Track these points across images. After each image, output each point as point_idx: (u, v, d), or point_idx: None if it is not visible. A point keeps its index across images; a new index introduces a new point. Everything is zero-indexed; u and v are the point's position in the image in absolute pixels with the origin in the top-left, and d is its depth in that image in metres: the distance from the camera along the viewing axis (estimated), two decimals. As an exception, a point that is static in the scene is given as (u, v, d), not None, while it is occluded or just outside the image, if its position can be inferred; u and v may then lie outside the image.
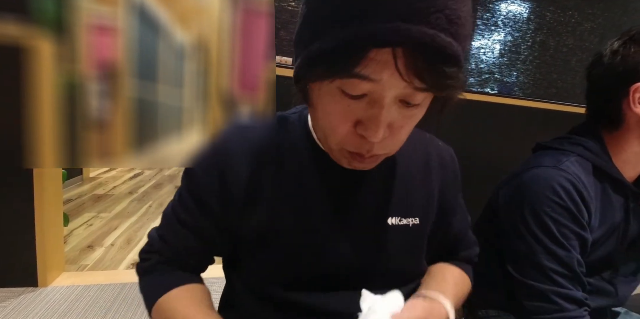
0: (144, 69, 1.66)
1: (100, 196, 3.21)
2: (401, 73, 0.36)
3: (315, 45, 0.39)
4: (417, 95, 0.40)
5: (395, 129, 0.43)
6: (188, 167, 0.56)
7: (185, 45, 1.71)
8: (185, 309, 0.52)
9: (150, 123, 1.68)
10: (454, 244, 0.69)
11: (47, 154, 1.48)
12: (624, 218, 0.78)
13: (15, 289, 1.59)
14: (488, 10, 2.08)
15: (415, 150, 0.61)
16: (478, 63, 2.14)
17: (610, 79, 0.75)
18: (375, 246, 0.56)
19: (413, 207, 0.58)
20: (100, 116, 1.58)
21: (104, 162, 1.49)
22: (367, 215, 0.56)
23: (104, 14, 1.61)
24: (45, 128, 1.49)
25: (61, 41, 1.52)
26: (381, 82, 0.38)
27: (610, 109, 0.76)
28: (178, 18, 1.70)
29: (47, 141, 1.48)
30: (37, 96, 1.46)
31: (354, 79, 0.38)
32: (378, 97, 0.39)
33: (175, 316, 0.51)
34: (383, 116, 0.40)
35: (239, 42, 1.70)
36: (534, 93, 2.24)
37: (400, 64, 0.36)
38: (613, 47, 0.75)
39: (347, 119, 0.42)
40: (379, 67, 0.37)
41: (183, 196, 0.56)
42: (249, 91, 1.69)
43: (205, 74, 1.71)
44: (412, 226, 0.58)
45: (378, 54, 0.36)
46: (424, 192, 0.60)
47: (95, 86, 1.58)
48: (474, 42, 2.12)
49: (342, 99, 0.41)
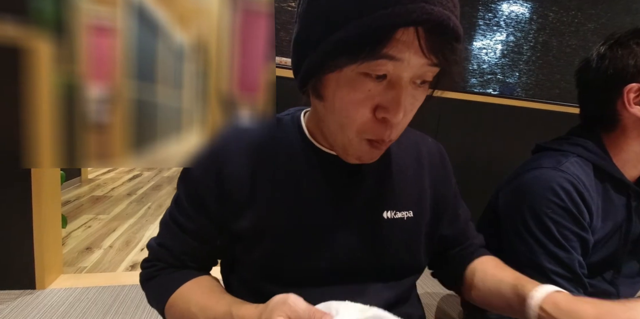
0: (143, 70, 1.65)
1: (99, 197, 3.20)
2: (423, 51, 0.41)
3: (336, 36, 0.42)
4: (431, 71, 0.44)
5: (408, 112, 0.47)
6: (185, 170, 0.58)
7: (184, 46, 1.71)
8: (199, 298, 0.53)
9: (149, 124, 1.67)
10: (466, 233, 0.71)
11: (46, 154, 1.47)
12: (626, 218, 0.78)
13: (13, 291, 1.58)
14: (490, 11, 2.07)
15: (406, 146, 0.64)
16: (480, 64, 2.13)
17: (601, 82, 0.77)
18: (371, 239, 0.58)
19: (407, 201, 0.61)
20: (99, 117, 1.58)
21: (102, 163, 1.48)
22: (363, 209, 0.58)
23: (102, 14, 1.61)
24: (43, 129, 1.48)
25: (59, 42, 1.51)
26: (404, 61, 0.42)
27: (605, 112, 0.78)
28: (177, 19, 1.70)
29: (45, 142, 1.47)
30: (35, 97, 1.45)
31: (380, 59, 0.41)
32: (397, 78, 0.43)
33: (190, 308, 0.53)
34: (403, 95, 0.44)
35: (238, 43, 1.69)
36: (536, 94, 2.23)
37: (423, 42, 0.40)
38: (600, 51, 0.77)
39: (367, 104, 0.45)
40: (404, 47, 0.41)
41: (180, 201, 0.58)
42: (249, 92, 1.68)
43: (204, 75, 1.71)
44: (407, 219, 0.60)
45: (404, 34, 0.40)
46: (416, 187, 0.62)
47: (94, 87, 1.58)
48: (476, 42, 2.11)
49: (362, 85, 0.44)
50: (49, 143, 1.47)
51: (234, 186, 0.54)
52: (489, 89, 2.16)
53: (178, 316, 0.55)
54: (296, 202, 0.56)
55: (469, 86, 2.13)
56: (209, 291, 0.55)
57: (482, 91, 2.15)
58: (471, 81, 2.14)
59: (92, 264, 1.97)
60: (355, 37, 0.40)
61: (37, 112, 1.45)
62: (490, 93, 2.16)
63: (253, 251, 0.56)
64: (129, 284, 1.73)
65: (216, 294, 0.54)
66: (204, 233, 0.58)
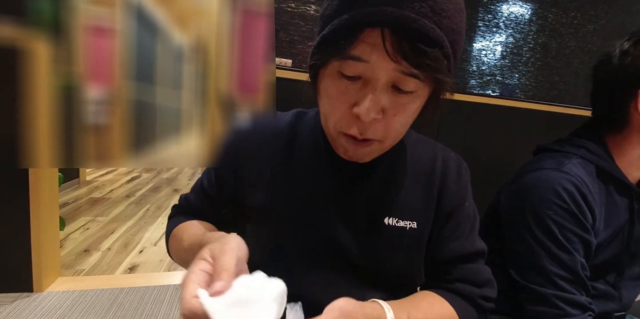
0: (142, 71, 1.64)
1: (97, 199, 3.19)
2: (389, 53, 0.42)
3: (321, 34, 0.46)
4: (408, 81, 0.45)
5: (389, 116, 0.48)
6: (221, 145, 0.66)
7: (183, 47, 1.70)
8: (191, 230, 0.62)
9: (148, 125, 1.67)
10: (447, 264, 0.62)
11: (44, 156, 1.46)
12: (628, 220, 0.78)
13: (10, 294, 1.57)
14: (489, 12, 2.07)
15: (421, 157, 0.63)
16: (479, 65, 2.13)
17: (618, 80, 0.75)
18: (368, 238, 0.58)
19: (412, 211, 0.60)
20: (97, 118, 1.57)
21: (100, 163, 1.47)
22: (365, 209, 0.59)
23: (101, 15, 1.60)
24: (41, 130, 1.47)
25: (58, 43, 1.50)
26: (372, 63, 0.43)
27: (616, 111, 0.76)
28: (176, 19, 1.69)
29: (43, 143, 1.47)
30: (34, 98, 1.44)
31: (348, 60, 0.44)
32: (371, 79, 0.45)
33: (182, 236, 0.60)
34: (375, 95, 0.45)
35: (238, 43, 1.68)
36: (535, 95, 2.23)
37: (388, 45, 0.42)
38: (623, 48, 0.74)
39: (345, 100, 0.48)
40: (369, 48, 0.43)
41: (209, 169, 0.68)
42: (249, 93, 1.67)
43: (204, 76, 1.70)
44: (409, 229, 0.59)
45: (368, 36, 0.42)
46: (423, 198, 0.61)
47: (92, 88, 1.57)
48: (475, 43, 2.11)
49: (340, 82, 0.47)
50: (47, 145, 1.46)
51: (248, 165, 0.61)
52: (488, 90, 2.16)
53: (174, 244, 0.64)
54: (301, 187, 0.59)
55: (469, 87, 2.13)
56: (201, 227, 0.63)
57: (482, 92, 2.15)
58: (470, 82, 2.14)
59: (90, 267, 1.95)
60: (330, 36, 0.44)
61: (35, 114, 1.44)
62: (489, 94, 2.16)
63: (257, 232, 0.62)
64: (127, 287, 1.71)
65: (201, 232, 0.59)
66: (217, 198, 0.65)
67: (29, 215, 1.53)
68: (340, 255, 0.58)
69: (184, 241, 0.58)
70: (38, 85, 1.45)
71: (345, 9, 0.43)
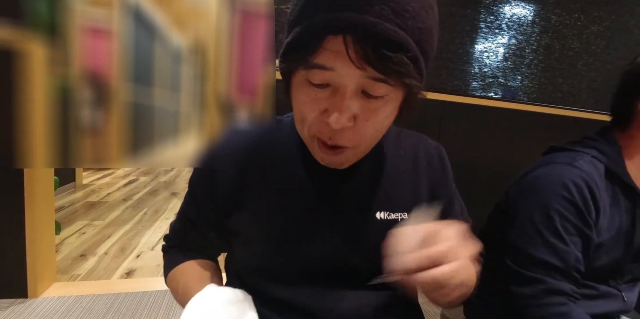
0: (140, 73, 1.63)
1: (94, 203, 3.17)
2: (353, 60, 0.41)
3: (285, 41, 0.45)
4: (376, 86, 0.43)
5: (360, 122, 0.47)
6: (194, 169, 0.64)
7: (182, 49, 1.69)
8: (186, 280, 0.62)
9: (146, 127, 1.66)
10: None
11: (39, 156, 1.44)
12: (630, 225, 0.79)
13: (4, 300, 1.55)
14: (492, 13, 2.06)
15: (403, 149, 0.64)
16: (481, 67, 2.11)
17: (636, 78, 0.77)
18: (362, 239, 0.58)
19: (402, 203, 0.61)
20: (94, 120, 1.55)
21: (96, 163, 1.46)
22: (354, 209, 0.58)
23: (98, 16, 1.59)
24: (37, 132, 1.45)
25: (54, 44, 1.49)
26: (337, 71, 0.42)
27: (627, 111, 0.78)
28: (174, 21, 1.67)
29: (39, 145, 1.45)
30: (30, 100, 1.43)
31: (313, 69, 0.43)
32: (339, 86, 0.44)
33: (178, 287, 0.62)
34: (344, 103, 0.44)
35: (237, 45, 1.67)
36: (538, 98, 2.21)
37: (351, 52, 0.40)
38: None
39: (315, 107, 0.47)
40: (332, 56, 0.41)
41: (187, 194, 0.65)
42: (247, 95, 1.66)
43: (202, 78, 1.69)
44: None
45: (330, 43, 0.41)
46: (411, 189, 0.62)
47: (89, 90, 1.55)
48: (477, 45, 2.09)
49: (309, 90, 0.46)
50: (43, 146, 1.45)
51: (224, 185, 0.58)
52: (490, 92, 2.14)
53: (172, 290, 0.65)
54: (285, 203, 0.58)
55: (471, 89, 2.11)
56: (196, 274, 0.63)
57: (484, 95, 2.13)
58: (472, 84, 2.12)
59: (87, 272, 1.92)
60: (293, 44, 0.44)
61: (31, 116, 1.42)
62: (491, 97, 2.14)
63: (245, 248, 0.61)
64: (124, 292, 1.69)
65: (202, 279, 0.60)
66: (200, 224, 0.63)
67: (24, 219, 1.51)
68: (335, 260, 0.58)
69: (180, 289, 0.61)
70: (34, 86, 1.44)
71: (306, 16, 0.42)
